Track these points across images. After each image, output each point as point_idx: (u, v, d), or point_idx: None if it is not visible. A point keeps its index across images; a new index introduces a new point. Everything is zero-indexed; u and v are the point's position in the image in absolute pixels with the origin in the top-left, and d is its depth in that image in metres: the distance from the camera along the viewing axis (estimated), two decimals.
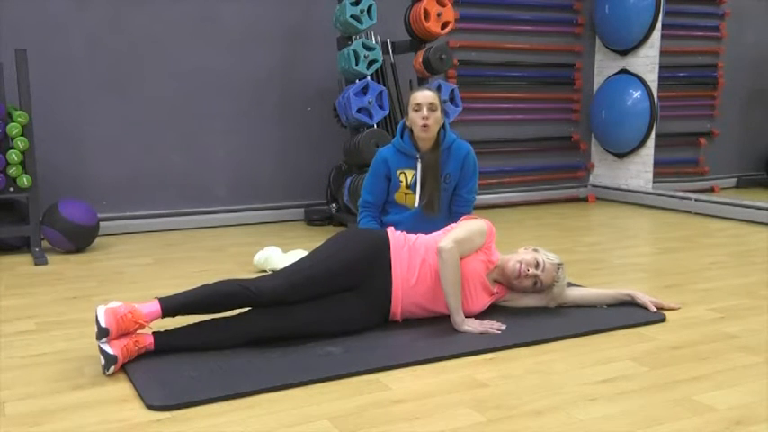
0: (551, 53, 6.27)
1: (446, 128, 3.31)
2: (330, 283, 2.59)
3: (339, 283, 2.60)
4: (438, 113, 3.21)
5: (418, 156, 3.26)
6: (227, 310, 2.50)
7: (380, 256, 2.69)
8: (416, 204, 3.26)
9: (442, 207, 3.31)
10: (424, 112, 3.17)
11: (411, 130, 3.27)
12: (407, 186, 3.29)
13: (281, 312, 2.50)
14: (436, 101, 3.19)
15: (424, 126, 3.19)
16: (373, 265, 2.66)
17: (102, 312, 2.27)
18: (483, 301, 2.82)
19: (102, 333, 2.25)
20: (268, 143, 5.24)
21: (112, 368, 2.25)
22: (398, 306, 2.71)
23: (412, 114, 3.22)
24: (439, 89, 4.77)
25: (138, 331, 2.38)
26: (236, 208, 5.17)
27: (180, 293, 2.46)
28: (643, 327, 2.79)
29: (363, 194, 3.38)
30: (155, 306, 2.37)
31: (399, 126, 3.35)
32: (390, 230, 2.84)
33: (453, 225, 2.89)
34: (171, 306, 2.39)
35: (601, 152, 6.52)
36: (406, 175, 3.29)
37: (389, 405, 2.07)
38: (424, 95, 3.20)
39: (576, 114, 6.43)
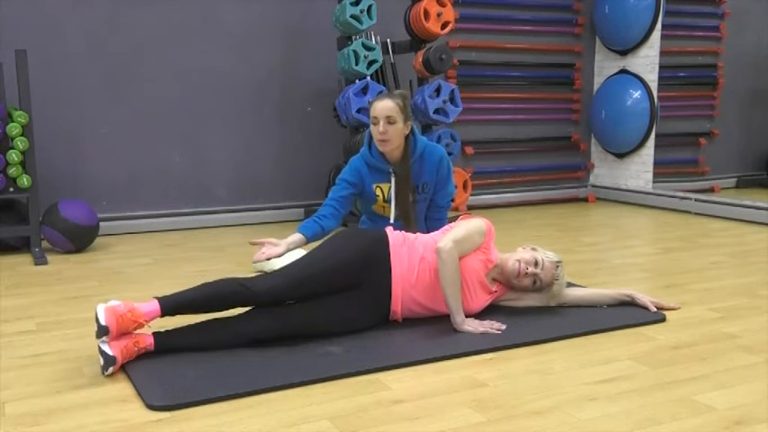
0: (551, 53, 6.27)
1: (415, 134, 3.13)
2: (329, 281, 2.59)
3: (338, 282, 2.60)
4: (398, 125, 2.99)
5: (391, 170, 3.12)
6: (226, 309, 2.50)
7: (380, 254, 2.69)
8: (392, 220, 3.16)
9: (419, 217, 3.19)
10: (381, 126, 2.98)
11: None
12: (385, 200, 3.18)
13: (281, 312, 2.50)
14: (395, 112, 2.97)
15: (382, 141, 3.02)
16: (372, 264, 2.66)
17: (101, 311, 2.27)
18: (482, 300, 2.82)
19: (102, 331, 2.26)
20: (268, 143, 5.24)
21: (111, 369, 2.25)
22: (398, 305, 2.71)
23: (372, 127, 3.04)
24: (438, 89, 4.76)
25: (138, 331, 2.38)
26: (237, 208, 5.17)
27: (179, 293, 2.46)
28: (643, 327, 2.79)
29: (331, 194, 3.14)
30: (154, 305, 2.37)
31: (366, 136, 3.16)
32: (389, 230, 2.84)
33: (452, 224, 2.89)
34: (170, 305, 2.40)
35: (601, 152, 6.52)
36: (382, 189, 3.16)
37: (389, 405, 2.07)
38: (382, 107, 2.99)
39: (575, 114, 6.44)
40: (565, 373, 2.32)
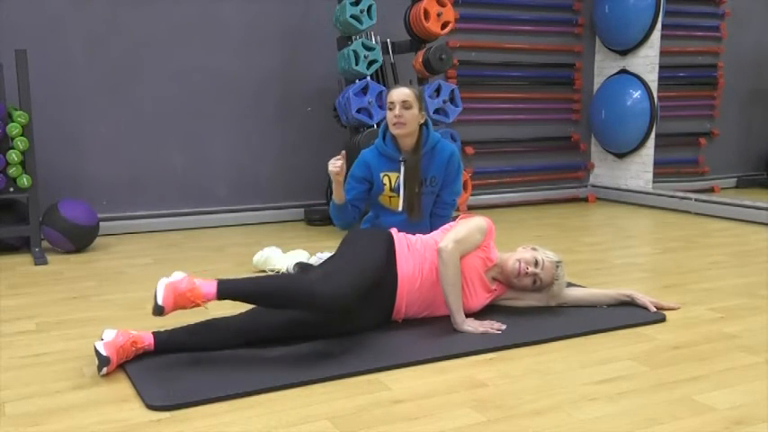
0: (551, 53, 6.27)
1: (429, 127, 3.23)
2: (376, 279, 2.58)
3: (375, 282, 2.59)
4: (414, 111, 3.11)
5: (401, 158, 3.20)
6: (280, 308, 2.46)
7: (389, 256, 2.69)
8: (399, 208, 3.21)
9: (424, 210, 3.26)
10: (397, 110, 3.10)
11: None
12: (391, 189, 3.23)
13: (281, 312, 2.50)
14: (410, 98, 3.10)
15: (397, 124, 3.12)
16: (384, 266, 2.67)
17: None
18: (482, 298, 2.82)
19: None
20: (268, 143, 5.24)
21: (105, 369, 2.25)
22: (402, 306, 2.71)
23: (387, 113, 3.16)
24: (438, 89, 4.76)
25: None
26: (237, 208, 5.17)
27: (238, 282, 2.39)
28: (643, 327, 2.79)
29: (346, 196, 3.23)
30: (212, 287, 2.31)
31: (382, 128, 3.28)
32: (393, 231, 2.84)
33: (452, 224, 2.89)
34: (227, 292, 2.34)
35: (601, 152, 6.52)
36: (389, 177, 3.22)
37: (389, 405, 2.07)
38: (398, 93, 3.12)
39: (575, 114, 6.44)
40: (565, 373, 2.32)
